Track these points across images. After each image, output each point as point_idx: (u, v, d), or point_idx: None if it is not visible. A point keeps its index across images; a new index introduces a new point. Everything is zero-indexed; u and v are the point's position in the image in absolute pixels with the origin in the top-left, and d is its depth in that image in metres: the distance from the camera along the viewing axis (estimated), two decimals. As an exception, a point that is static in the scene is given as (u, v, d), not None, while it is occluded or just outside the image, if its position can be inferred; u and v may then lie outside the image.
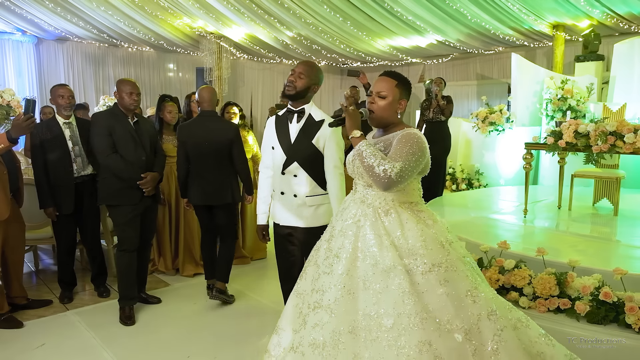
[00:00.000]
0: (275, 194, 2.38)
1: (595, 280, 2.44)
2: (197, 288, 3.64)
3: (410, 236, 1.67)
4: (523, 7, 6.56)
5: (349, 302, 1.63)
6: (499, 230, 3.87)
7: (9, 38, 7.99)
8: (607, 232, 3.82)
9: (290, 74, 2.27)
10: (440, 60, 10.07)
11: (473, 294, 1.63)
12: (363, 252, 1.68)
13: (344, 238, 1.74)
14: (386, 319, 1.55)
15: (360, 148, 1.72)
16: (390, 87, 1.81)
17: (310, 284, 1.83)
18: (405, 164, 1.66)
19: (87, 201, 3.29)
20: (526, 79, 6.38)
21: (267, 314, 3.10)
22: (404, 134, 1.74)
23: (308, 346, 1.65)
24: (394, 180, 1.65)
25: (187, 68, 10.36)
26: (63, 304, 3.31)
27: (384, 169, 1.64)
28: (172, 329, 2.95)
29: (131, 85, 3.01)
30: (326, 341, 1.61)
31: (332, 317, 1.62)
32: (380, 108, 1.81)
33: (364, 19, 7.46)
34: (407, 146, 1.69)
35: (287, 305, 1.93)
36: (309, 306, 1.75)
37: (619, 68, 6.01)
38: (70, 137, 3.23)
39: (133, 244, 3.05)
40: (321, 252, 1.84)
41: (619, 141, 3.38)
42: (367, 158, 1.68)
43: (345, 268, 1.67)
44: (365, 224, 1.72)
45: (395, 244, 1.66)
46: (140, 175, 3.00)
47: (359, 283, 1.64)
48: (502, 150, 6.37)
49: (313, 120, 2.28)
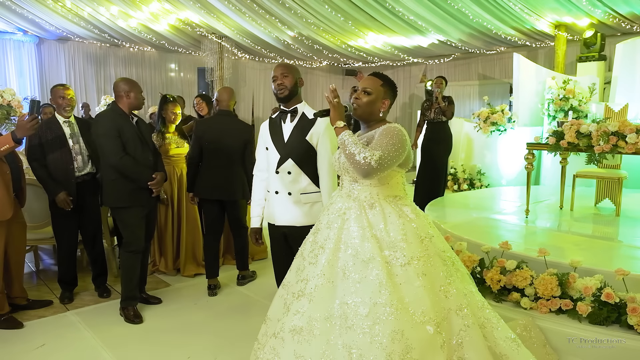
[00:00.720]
0: (270, 194, 2.38)
1: (597, 281, 2.43)
2: (198, 288, 3.64)
3: (392, 229, 1.74)
4: (525, 7, 6.55)
5: (328, 290, 1.70)
6: (501, 230, 3.85)
7: (11, 38, 8.02)
8: (609, 233, 3.81)
9: (274, 79, 2.31)
10: (442, 60, 10.06)
11: (446, 289, 1.72)
12: (345, 243, 1.75)
13: (329, 230, 1.82)
14: (362, 308, 1.61)
15: (342, 137, 1.80)
16: (375, 86, 1.91)
17: (295, 274, 1.90)
18: (385, 152, 1.73)
19: (89, 201, 3.29)
20: (528, 79, 6.36)
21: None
22: (384, 128, 1.84)
23: (288, 332, 1.70)
24: (374, 167, 1.71)
25: (188, 68, 10.37)
26: (63, 304, 3.31)
27: (364, 156, 1.71)
28: (173, 329, 2.95)
29: (139, 86, 3.06)
30: (303, 327, 1.66)
31: (311, 304, 1.69)
32: (364, 103, 1.90)
33: (366, 19, 7.46)
34: (387, 137, 1.78)
35: (275, 297, 2.01)
36: (292, 295, 1.82)
37: (621, 68, 5.99)
38: (71, 135, 3.22)
39: (141, 245, 3.06)
40: (307, 244, 1.92)
41: (621, 141, 3.36)
42: (349, 146, 1.76)
43: (327, 258, 1.75)
44: (350, 217, 1.80)
45: (377, 236, 1.73)
46: (151, 175, 3.00)
47: (339, 272, 1.71)
48: (504, 151, 6.35)
49: (306, 118, 2.32)
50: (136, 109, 3.06)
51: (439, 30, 7.76)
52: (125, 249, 3.05)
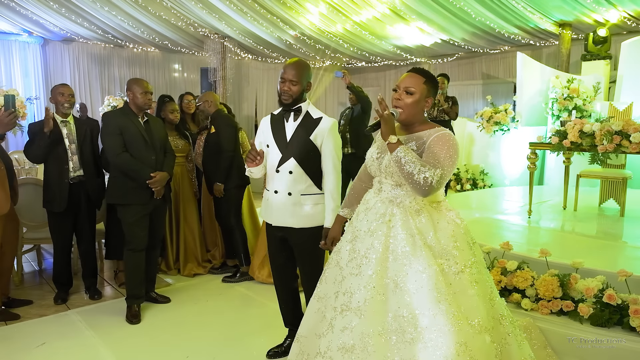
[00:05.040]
0: (269, 193, 2.34)
1: (599, 282, 2.40)
2: (198, 288, 3.64)
3: (442, 236, 1.66)
4: (528, 5, 6.49)
5: (379, 303, 1.59)
6: (503, 230, 3.82)
7: (16, 39, 8.07)
8: (613, 233, 3.77)
9: (281, 81, 2.21)
10: (445, 59, 10.00)
11: (492, 297, 1.66)
12: (394, 252, 1.65)
13: (372, 238, 1.70)
14: (422, 320, 1.52)
15: (398, 155, 1.64)
16: (418, 84, 1.75)
17: (333, 286, 1.79)
18: (445, 169, 1.63)
19: (84, 203, 3.28)
20: (532, 78, 6.31)
21: (267, 315, 3.08)
22: (439, 135, 1.70)
23: (337, 350, 1.60)
24: (435, 187, 1.62)
25: (192, 68, 10.39)
26: (57, 304, 3.30)
27: (425, 177, 1.59)
28: (173, 329, 2.95)
29: (145, 85, 3.05)
30: (355, 344, 1.57)
31: (362, 319, 1.59)
32: (408, 105, 1.74)
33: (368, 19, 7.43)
34: (445, 149, 1.65)
35: (308, 311, 1.89)
36: (334, 309, 1.71)
37: (626, 67, 5.93)
38: (67, 135, 3.22)
39: (141, 244, 3.05)
40: (343, 253, 1.80)
41: (625, 141, 3.32)
42: (406, 165, 1.62)
43: (375, 269, 1.64)
44: (397, 224, 1.68)
45: (429, 244, 1.64)
46: (150, 175, 3.00)
47: (389, 284, 1.61)
48: (507, 150, 6.30)
49: (311, 118, 2.26)
50: (143, 108, 3.06)
51: (441, 29, 7.72)
52: (126, 247, 3.07)
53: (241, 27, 8.27)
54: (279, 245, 2.38)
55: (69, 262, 3.44)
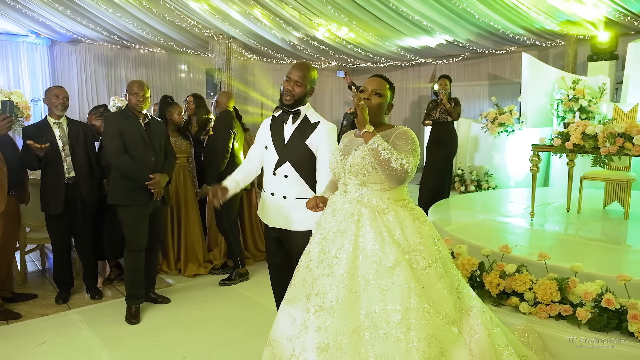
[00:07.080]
0: (265, 194, 2.36)
1: (597, 286, 2.37)
2: (198, 289, 3.66)
3: (409, 233, 1.72)
4: (532, 6, 6.43)
5: (351, 301, 1.63)
6: (505, 233, 3.79)
7: (24, 40, 8.15)
8: (616, 236, 3.72)
9: (286, 80, 2.21)
10: (450, 60, 9.95)
11: (458, 289, 1.76)
12: (364, 250, 1.69)
13: (342, 238, 1.73)
14: (394, 315, 1.57)
15: (375, 142, 1.70)
16: (385, 87, 1.88)
17: (303, 289, 1.81)
18: (412, 158, 1.72)
19: (80, 205, 3.31)
20: (537, 79, 6.26)
21: (266, 316, 3.08)
22: (401, 131, 1.79)
23: (312, 351, 1.62)
24: (409, 174, 1.69)
25: (197, 69, 10.44)
26: (58, 304, 3.33)
27: (402, 164, 1.66)
28: (171, 329, 2.96)
29: (136, 85, 3.04)
30: (330, 343, 1.59)
31: (335, 318, 1.62)
32: (375, 105, 1.85)
33: (371, 19, 7.41)
34: (409, 143, 1.75)
35: (279, 315, 1.90)
36: (307, 311, 1.72)
37: (633, 67, 5.87)
38: (61, 136, 3.25)
39: (140, 245, 3.07)
40: (313, 255, 1.82)
41: (628, 143, 3.28)
42: (384, 152, 1.67)
43: (346, 268, 1.67)
44: (365, 223, 1.73)
45: (397, 241, 1.69)
46: (149, 176, 3.02)
47: (361, 281, 1.65)
48: (512, 152, 6.26)
49: (308, 122, 2.26)
50: (134, 109, 3.07)
51: (445, 30, 7.68)
52: (125, 248, 3.10)
53: (245, 29, 8.30)
54: (275, 246, 2.38)
55: (69, 262, 3.47)
